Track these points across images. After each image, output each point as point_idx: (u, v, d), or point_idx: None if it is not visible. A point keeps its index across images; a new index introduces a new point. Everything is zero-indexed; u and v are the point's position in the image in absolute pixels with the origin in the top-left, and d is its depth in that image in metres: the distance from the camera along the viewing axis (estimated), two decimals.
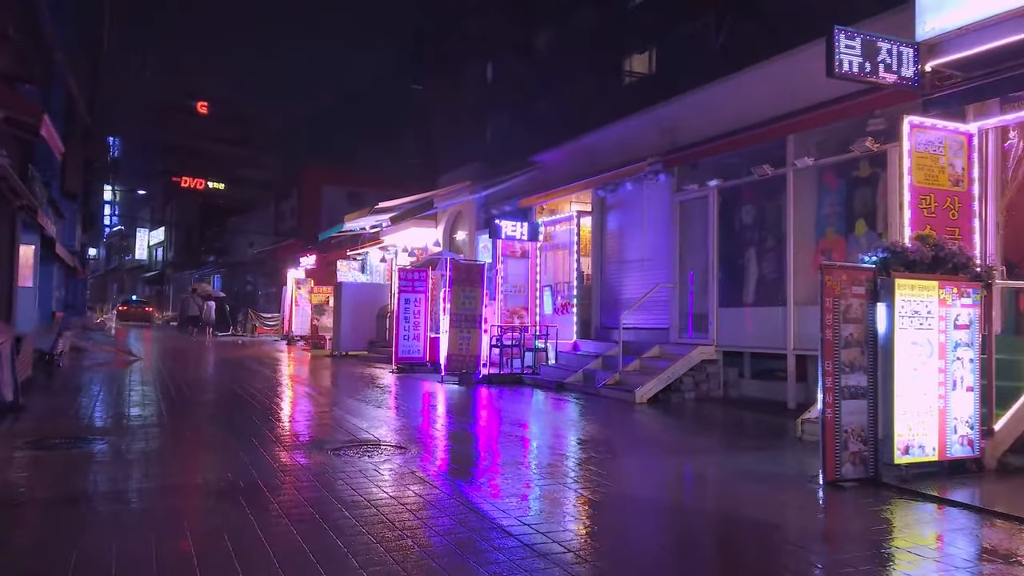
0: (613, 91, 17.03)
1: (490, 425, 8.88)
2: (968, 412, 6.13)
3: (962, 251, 6.27)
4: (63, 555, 3.82)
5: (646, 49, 17.22)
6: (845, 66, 7.11)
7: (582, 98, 17.98)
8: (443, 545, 4.09)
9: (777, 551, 4.34)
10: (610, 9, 18.19)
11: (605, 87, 17.70)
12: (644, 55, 17.31)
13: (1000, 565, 3.97)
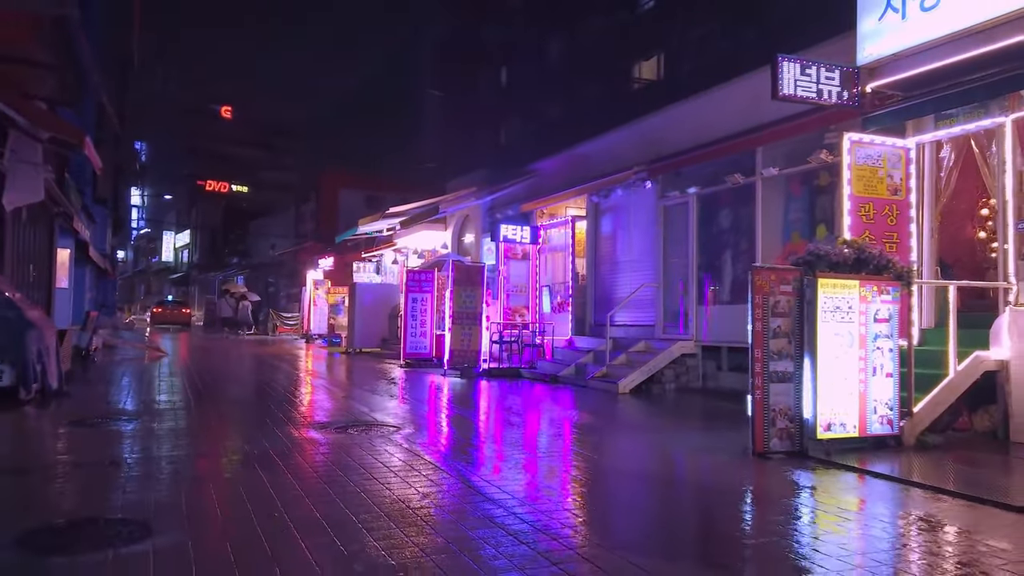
0: (605, 104, 17.93)
1: (481, 410, 9.84)
2: (888, 395, 6.99)
3: (883, 254, 7.12)
4: (109, 502, 4.84)
5: (633, 67, 18.19)
6: (788, 89, 7.99)
7: (578, 110, 18.97)
8: (418, 496, 5.06)
9: (700, 504, 5.26)
10: (603, 32, 19.16)
11: (598, 101, 18.64)
12: (632, 72, 18.26)
13: (913, 527, 4.69)
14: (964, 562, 3.93)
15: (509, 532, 4.25)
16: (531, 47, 22.73)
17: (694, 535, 4.73)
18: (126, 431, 7.45)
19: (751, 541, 4.38)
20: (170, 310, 36.90)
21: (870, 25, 8.28)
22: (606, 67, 18.84)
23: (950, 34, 7.53)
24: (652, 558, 3.92)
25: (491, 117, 25.13)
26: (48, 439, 7.22)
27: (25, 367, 8.66)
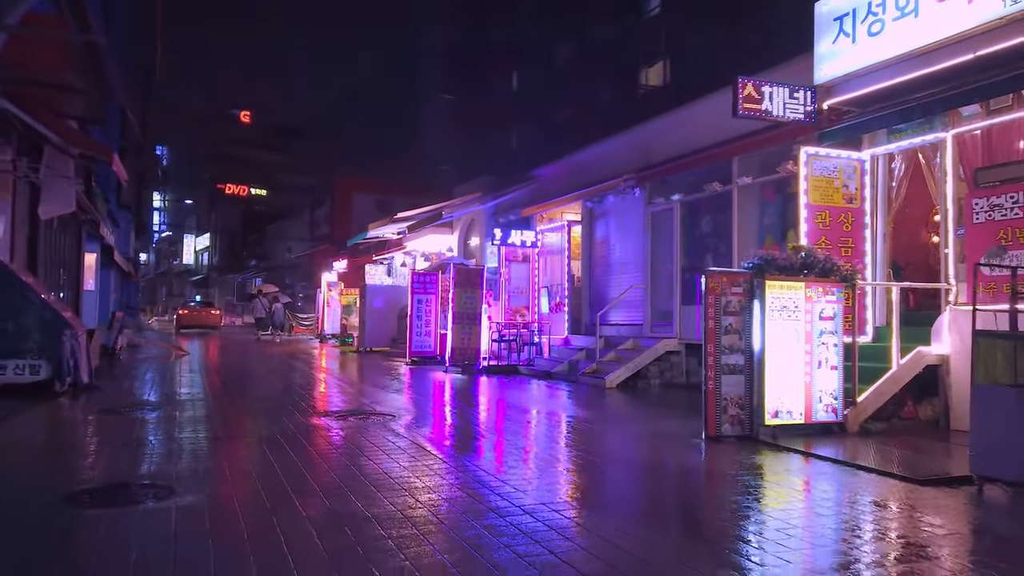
0: (600, 115, 18.72)
1: (476, 402, 10.66)
2: (832, 386, 7.73)
3: (828, 259, 7.85)
4: (137, 471, 5.71)
5: (626, 81, 19.03)
6: (745, 107, 8.74)
7: (575, 120, 19.81)
8: (399, 468, 5.88)
9: (654, 478, 6.04)
10: (600, 47, 20.03)
11: (594, 111, 19.46)
12: (625, 85, 19.09)
13: (845, 500, 5.34)
14: (885, 528, 4.69)
15: (484, 501, 5.07)
16: (534, 59, 23.72)
17: (639, 497, 5.51)
18: (150, 418, 8.33)
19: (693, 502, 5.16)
20: (197, 312, 34.44)
21: (826, 47, 9.02)
22: (603, 79, 19.68)
23: (894, 57, 8.26)
24: (599, 511, 4.71)
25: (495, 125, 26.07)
26: (82, 424, 8.13)
27: (60, 363, 9.58)
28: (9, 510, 4.68)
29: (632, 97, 18.69)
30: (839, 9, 8.82)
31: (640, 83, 18.71)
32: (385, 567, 3.61)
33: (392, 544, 3.95)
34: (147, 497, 4.85)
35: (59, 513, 4.52)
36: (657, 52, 17.79)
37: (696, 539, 4.46)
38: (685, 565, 3.78)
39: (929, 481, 5.85)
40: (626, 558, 3.83)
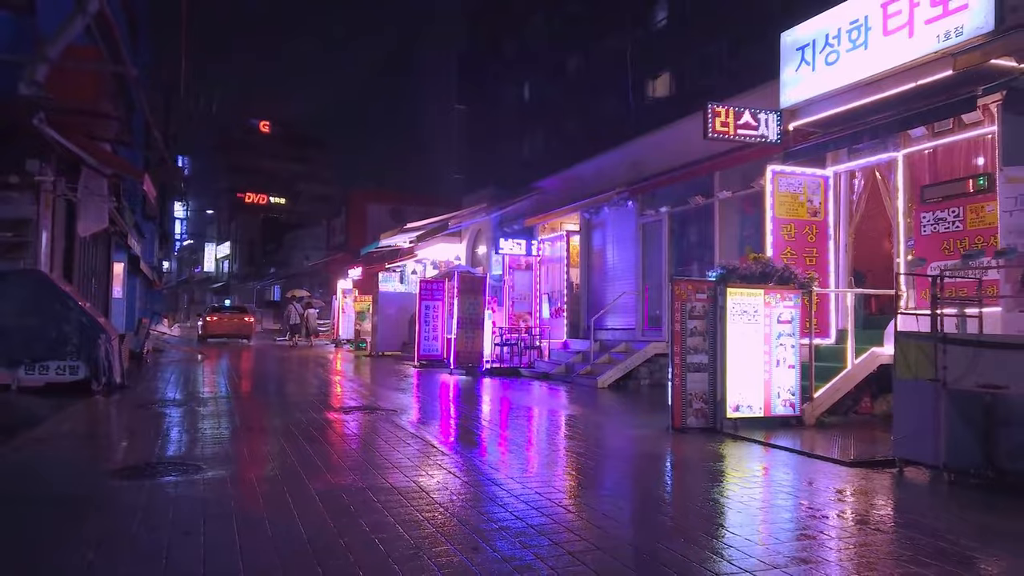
0: (595, 130, 19.64)
1: (474, 399, 11.53)
2: (790, 383, 8.54)
3: (787, 268, 8.67)
4: (170, 453, 6.65)
5: (617, 99, 19.99)
6: (716, 129, 9.59)
7: (573, 135, 20.72)
8: (397, 454, 6.77)
9: (620, 462, 6.90)
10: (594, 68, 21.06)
11: (589, 127, 20.41)
12: (616, 103, 20.04)
13: (805, 486, 6.07)
14: (812, 499, 5.53)
15: (465, 477, 5.96)
16: (538, 79, 24.86)
17: (605, 475, 6.36)
18: (177, 413, 9.29)
19: (652, 482, 6.01)
20: (227, 318, 29.23)
21: (790, 74, 9.85)
22: (599, 98, 20.65)
23: (849, 84, 9.08)
24: (566, 484, 5.57)
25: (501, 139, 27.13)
26: (118, 418, 9.10)
27: (96, 364, 10.57)
28: (69, 482, 5.64)
29: (626, 114, 19.60)
30: (801, 40, 9.65)
31: (632, 102, 19.70)
32: (369, 519, 4.50)
33: (379, 506, 4.85)
34: (179, 472, 5.77)
35: (109, 484, 5.46)
36: (648, 75, 18.79)
37: (651, 508, 5.31)
38: (639, 527, 4.64)
39: (859, 464, 6.67)
40: (582, 518, 4.70)
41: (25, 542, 4.14)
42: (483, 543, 4.13)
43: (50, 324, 10.44)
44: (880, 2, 8.50)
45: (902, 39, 8.27)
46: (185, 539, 4.14)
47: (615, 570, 3.74)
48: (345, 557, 3.83)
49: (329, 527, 4.36)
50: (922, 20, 8.04)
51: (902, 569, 3.82)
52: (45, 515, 4.62)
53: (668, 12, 19.68)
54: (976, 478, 6.02)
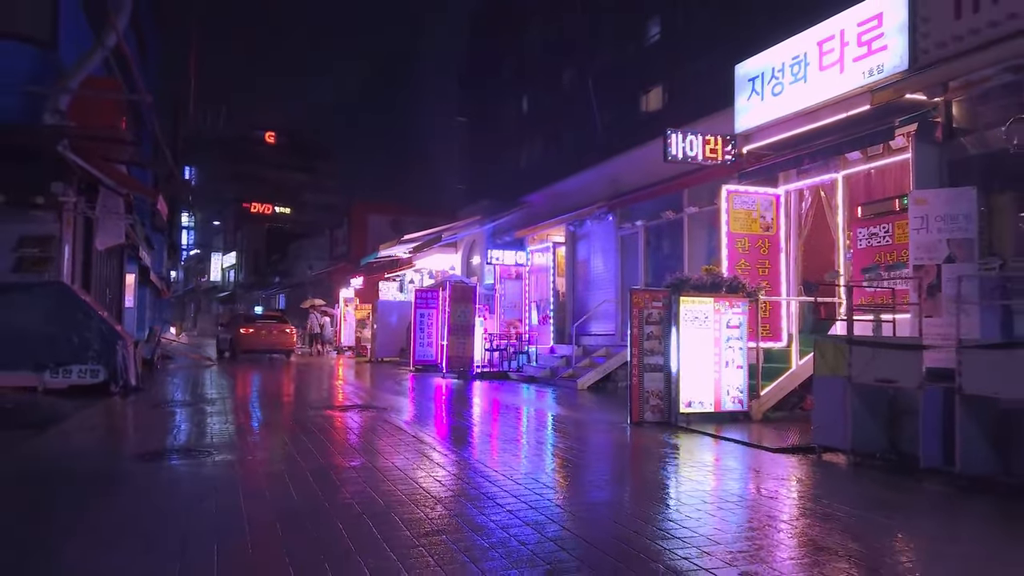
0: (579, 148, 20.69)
1: (461, 399, 12.51)
2: (738, 382, 9.50)
3: (735, 279, 9.64)
4: (184, 443, 7.64)
5: (600, 120, 21.14)
6: (674, 154, 10.59)
7: (559, 152, 21.78)
8: (381, 442, 7.75)
9: (583, 448, 7.87)
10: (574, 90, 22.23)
11: (574, 145, 21.50)
12: (597, 124, 21.16)
13: (752, 472, 7.06)
14: (742, 476, 6.50)
15: (441, 461, 6.95)
16: (528, 100, 25.94)
17: (566, 457, 7.33)
18: (189, 410, 10.30)
19: (606, 463, 6.98)
20: (264, 330, 23.46)
21: (742, 103, 10.84)
22: (579, 119, 21.78)
23: (792, 113, 10.07)
24: (534, 464, 6.55)
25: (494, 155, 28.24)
26: (136, 415, 10.11)
27: (115, 368, 11.58)
28: (99, 463, 6.64)
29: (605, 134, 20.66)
30: (751, 72, 10.65)
31: (609, 123, 20.82)
32: (351, 489, 5.49)
33: (361, 480, 5.83)
34: (193, 456, 6.77)
35: (134, 465, 6.46)
36: (626, 99, 19.87)
37: (600, 479, 6.29)
38: (590, 491, 5.61)
39: (788, 451, 7.63)
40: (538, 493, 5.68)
41: (66, 507, 5.13)
42: (440, 506, 5.11)
43: (72, 331, 11.44)
44: (817, 40, 9.50)
45: (835, 74, 9.25)
46: (200, 503, 5.14)
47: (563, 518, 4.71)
48: (328, 515, 4.81)
49: (318, 495, 5.35)
50: (851, 58, 9.03)
51: (805, 526, 4.79)
52: (80, 488, 5.63)
53: (638, 48, 21.10)
54: (881, 460, 6.98)
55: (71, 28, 13.20)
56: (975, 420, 6.01)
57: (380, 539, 4.27)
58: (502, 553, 4.07)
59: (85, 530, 4.50)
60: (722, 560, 3.99)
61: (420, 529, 4.48)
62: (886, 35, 8.54)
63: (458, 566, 3.83)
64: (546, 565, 3.87)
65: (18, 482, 5.87)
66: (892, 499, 5.76)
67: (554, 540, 4.30)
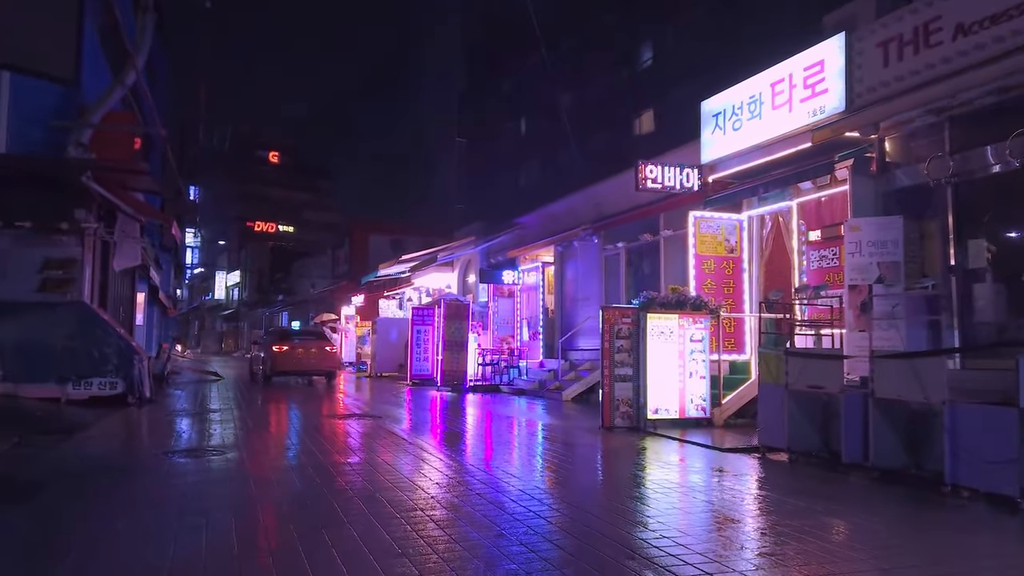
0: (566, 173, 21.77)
1: (452, 410, 13.44)
2: (701, 391, 10.43)
3: (699, 297, 10.60)
4: (198, 444, 8.59)
5: (580, 148, 22.32)
6: (644, 184, 11.58)
7: (549, 176, 22.86)
8: (378, 444, 8.69)
9: (559, 450, 8.80)
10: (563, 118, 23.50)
11: (561, 170, 22.61)
12: (581, 152, 22.31)
13: (727, 475, 8.09)
14: (699, 471, 7.43)
15: (428, 461, 7.89)
16: (520, 127, 27.12)
17: (543, 458, 8.25)
18: (201, 418, 11.24)
19: (582, 463, 7.91)
20: (302, 348, 19.77)
21: (707, 136, 11.86)
22: (564, 147, 22.97)
23: (750, 146, 11.05)
24: (515, 470, 7.47)
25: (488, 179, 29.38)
26: (154, 422, 11.05)
27: (131, 381, 12.53)
28: (124, 460, 7.59)
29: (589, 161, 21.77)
30: (715, 108, 11.67)
31: (592, 152, 22.00)
32: (345, 479, 6.43)
33: (355, 473, 6.77)
34: (208, 454, 7.72)
35: (157, 461, 7.40)
36: (610, 129, 21.03)
37: (571, 474, 7.22)
38: (566, 486, 6.55)
39: (738, 451, 8.56)
40: (517, 488, 6.61)
41: (107, 490, 6.08)
42: (419, 491, 6.05)
43: (92, 347, 12.41)
44: (769, 82, 10.51)
45: (784, 113, 10.26)
46: (217, 487, 6.09)
47: (525, 499, 5.64)
48: (326, 498, 5.75)
49: (318, 483, 6.29)
50: (798, 99, 10.03)
51: (745, 509, 5.73)
52: (116, 477, 6.58)
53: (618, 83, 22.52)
54: (816, 458, 7.90)
55: (92, 65, 14.29)
56: (887, 421, 6.94)
57: (367, 513, 5.21)
58: (466, 522, 5.01)
59: (127, 505, 5.45)
60: (675, 531, 4.93)
61: (401, 507, 5.42)
62: (827, 79, 9.55)
63: (429, 530, 4.76)
64: (500, 531, 4.80)
65: (63, 475, 6.81)
66: (816, 488, 6.67)
67: (512, 514, 5.24)
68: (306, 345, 20.12)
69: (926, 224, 8.88)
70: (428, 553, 4.24)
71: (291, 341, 20.35)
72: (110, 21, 15.37)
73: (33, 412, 11.24)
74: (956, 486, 6.12)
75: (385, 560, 4.09)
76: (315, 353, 19.88)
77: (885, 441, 6.92)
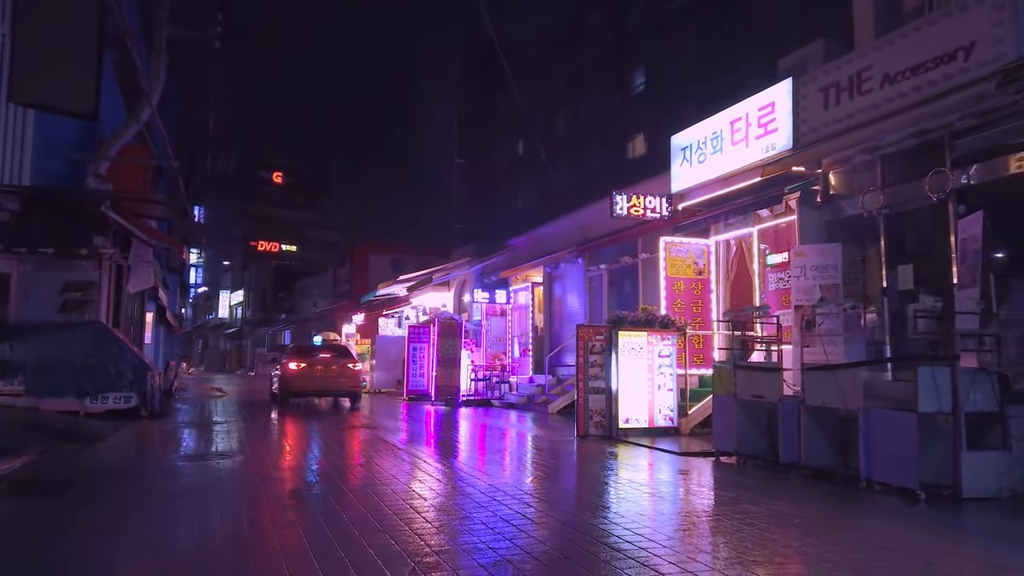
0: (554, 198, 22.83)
1: (444, 423, 14.36)
2: (669, 403, 11.36)
3: (666, 316, 11.55)
4: (207, 449, 9.55)
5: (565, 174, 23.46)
6: (619, 212, 12.58)
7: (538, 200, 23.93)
8: (371, 449, 9.62)
9: (541, 454, 9.73)
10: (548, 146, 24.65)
11: (550, 195, 23.70)
12: (566, 178, 23.44)
13: (699, 481, 8.99)
14: (662, 470, 8.37)
15: (416, 464, 8.84)
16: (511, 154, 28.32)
17: (531, 466, 9.17)
18: (208, 429, 12.18)
19: (558, 465, 8.84)
20: (321, 365, 17.64)
21: (676, 168, 12.88)
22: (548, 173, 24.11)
23: (715, 178, 12.07)
24: (496, 470, 8.40)
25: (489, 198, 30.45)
26: (167, 432, 11.98)
27: (144, 396, 13.49)
28: (144, 463, 8.54)
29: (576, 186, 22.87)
30: (683, 143, 12.69)
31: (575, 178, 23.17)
32: (340, 477, 7.38)
33: (347, 473, 7.72)
34: (217, 458, 8.66)
35: (178, 463, 8.36)
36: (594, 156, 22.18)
37: (548, 474, 8.15)
38: (539, 488, 7.48)
39: (696, 455, 9.48)
40: (499, 487, 7.55)
41: (136, 485, 7.03)
42: (402, 484, 7.00)
43: (109, 364, 13.36)
44: (729, 120, 11.54)
45: (742, 149, 11.27)
46: (226, 482, 7.04)
47: (500, 495, 6.57)
48: (325, 496, 6.70)
49: (316, 480, 7.24)
50: (753, 136, 11.05)
51: (698, 501, 6.67)
52: (134, 477, 7.53)
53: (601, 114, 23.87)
54: (761, 460, 8.81)
55: (108, 100, 15.37)
56: (817, 425, 7.88)
57: (356, 504, 6.16)
58: (439, 508, 5.95)
59: (152, 496, 6.40)
60: (636, 516, 5.87)
61: (392, 499, 6.37)
62: (777, 119, 10.57)
63: (410, 511, 5.71)
64: (466, 514, 5.74)
65: (91, 475, 7.76)
66: (755, 485, 7.59)
67: (484, 505, 6.18)
68: (326, 363, 17.80)
69: (866, 250, 9.87)
70: (408, 533, 5.18)
71: (310, 357, 17.85)
72: (124, 56, 16.51)
73: (55, 424, 12.19)
74: (870, 481, 7.05)
75: (370, 536, 5.03)
76: (336, 371, 17.65)
77: (816, 443, 7.85)
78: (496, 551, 4.64)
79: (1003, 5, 7.56)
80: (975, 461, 6.64)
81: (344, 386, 17.73)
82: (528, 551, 4.68)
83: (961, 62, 7.94)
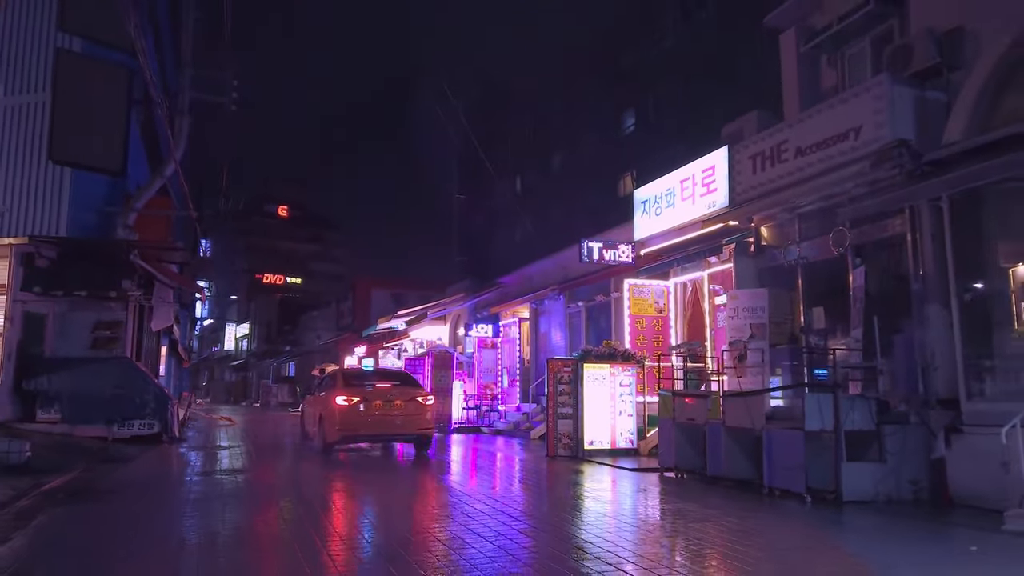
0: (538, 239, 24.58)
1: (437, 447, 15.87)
2: (629, 426, 12.89)
3: (627, 351, 13.13)
4: (220, 469, 11.11)
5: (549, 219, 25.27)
6: (587, 257, 14.23)
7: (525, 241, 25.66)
8: (367, 466, 11.16)
9: (515, 472, 11.27)
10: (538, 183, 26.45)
11: (534, 237, 25.47)
12: (549, 222, 25.24)
13: (640, 491, 10.54)
14: (619, 485, 9.92)
15: (410, 476, 10.40)
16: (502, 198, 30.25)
17: (497, 474, 10.69)
18: (222, 452, 13.73)
19: (535, 483, 10.38)
20: (380, 400, 12.96)
21: (638, 218, 14.56)
22: (532, 217, 25.96)
23: (670, 228, 13.72)
24: (486, 490, 9.94)
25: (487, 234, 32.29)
26: (187, 455, 13.54)
27: (165, 423, 15.07)
28: (167, 478, 10.12)
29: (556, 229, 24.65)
30: (643, 197, 14.39)
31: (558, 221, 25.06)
32: (338, 483, 8.94)
33: (340, 478, 9.27)
34: (230, 474, 10.23)
35: (199, 478, 9.92)
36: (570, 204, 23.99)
37: (519, 486, 9.69)
38: (508, 500, 9.03)
39: (647, 471, 11.01)
40: (477, 497, 9.11)
41: (162, 495, 8.60)
42: (394, 494, 8.55)
43: (134, 394, 14.98)
44: (680, 179, 13.23)
45: (689, 204, 12.95)
46: (240, 489, 8.61)
47: (500, 513, 8.11)
48: (325, 502, 8.26)
49: (316, 492, 8.79)
50: (699, 194, 12.73)
51: (642, 505, 8.23)
52: (165, 488, 9.11)
53: (564, 168, 25.84)
54: (697, 474, 10.33)
55: (135, 156, 17.19)
56: (736, 443, 9.42)
57: (356, 514, 7.72)
58: (422, 509, 7.51)
59: (183, 502, 7.98)
60: (595, 515, 7.42)
61: (389, 510, 7.93)
62: (717, 180, 12.25)
63: (404, 511, 7.27)
64: (447, 513, 7.30)
65: (128, 486, 9.32)
66: (686, 493, 9.11)
67: (459, 505, 7.73)
68: (387, 394, 13.26)
69: (791, 294, 11.47)
70: (402, 528, 6.75)
71: (364, 388, 13.33)
72: (148, 116, 18.37)
73: (90, 447, 13.77)
74: (772, 488, 8.59)
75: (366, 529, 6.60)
76: (397, 407, 13.06)
77: (736, 458, 9.39)
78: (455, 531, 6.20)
79: (882, 96, 9.25)
80: (855, 471, 8.18)
81: (410, 428, 13.10)
82: (478, 534, 6.24)
83: (852, 141, 9.61)
